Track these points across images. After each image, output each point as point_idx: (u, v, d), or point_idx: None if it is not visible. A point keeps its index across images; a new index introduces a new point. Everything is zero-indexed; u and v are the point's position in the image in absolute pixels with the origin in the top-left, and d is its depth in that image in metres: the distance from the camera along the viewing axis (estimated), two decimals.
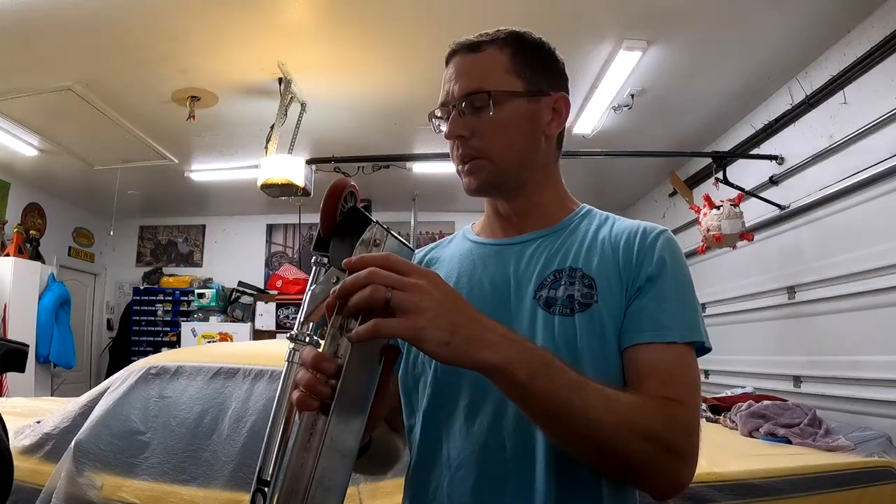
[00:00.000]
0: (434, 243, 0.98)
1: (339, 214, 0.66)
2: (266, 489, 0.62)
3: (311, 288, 0.67)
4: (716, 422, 2.91)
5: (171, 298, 6.61)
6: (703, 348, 0.75)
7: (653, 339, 0.72)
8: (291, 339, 0.66)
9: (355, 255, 0.60)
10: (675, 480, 0.67)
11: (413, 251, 0.65)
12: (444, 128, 0.83)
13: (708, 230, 3.37)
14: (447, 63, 0.84)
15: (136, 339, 6.56)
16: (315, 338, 0.66)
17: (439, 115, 0.84)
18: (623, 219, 0.85)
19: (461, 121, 0.79)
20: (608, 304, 0.75)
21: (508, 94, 0.79)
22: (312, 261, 0.67)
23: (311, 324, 0.67)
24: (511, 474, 0.73)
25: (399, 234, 0.65)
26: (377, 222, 0.63)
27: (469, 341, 0.57)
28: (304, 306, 0.67)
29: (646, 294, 0.74)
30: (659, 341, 0.72)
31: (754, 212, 3.56)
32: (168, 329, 6.53)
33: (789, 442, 2.40)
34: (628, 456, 0.64)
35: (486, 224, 0.91)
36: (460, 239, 0.93)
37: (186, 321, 6.35)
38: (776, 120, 3.49)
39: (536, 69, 0.82)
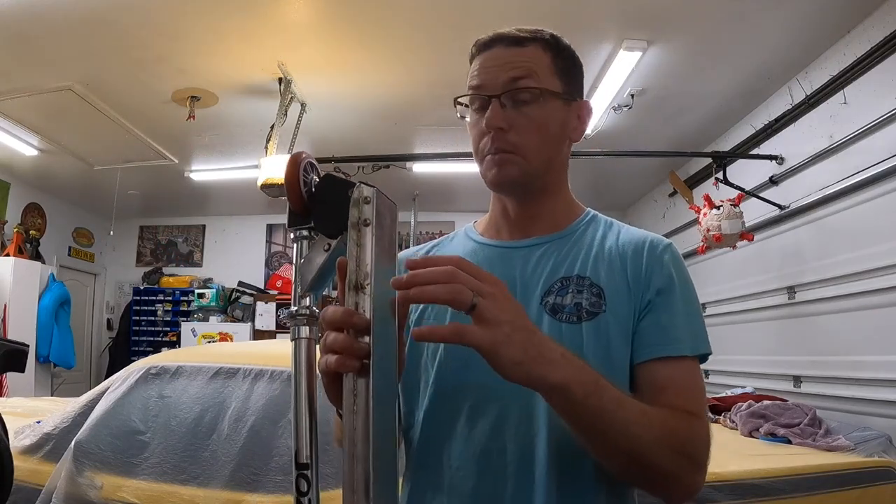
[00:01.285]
0: (434, 241, 0.96)
1: (304, 185, 0.63)
2: (307, 472, 0.59)
3: (301, 262, 0.64)
4: (716, 422, 2.91)
5: (171, 298, 6.61)
6: (704, 356, 0.77)
7: (668, 354, 0.73)
8: (292, 316, 0.63)
9: (351, 217, 0.58)
10: (692, 489, 0.69)
11: (395, 205, 0.63)
12: (468, 116, 0.82)
13: (708, 230, 3.37)
14: (481, 51, 0.81)
15: (136, 339, 6.56)
16: (314, 310, 0.63)
17: (464, 102, 0.82)
18: (627, 227, 0.85)
19: (502, 112, 0.77)
20: (616, 314, 0.75)
21: (552, 93, 0.79)
22: (292, 237, 0.65)
23: (309, 298, 0.64)
24: (511, 477, 0.73)
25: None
26: (361, 182, 0.60)
27: (537, 360, 0.57)
28: (297, 281, 0.64)
29: (657, 308, 0.76)
30: (673, 355, 0.73)
31: (754, 212, 3.56)
32: (168, 329, 6.54)
33: (789, 442, 2.40)
34: (660, 467, 0.66)
35: (491, 224, 0.90)
36: (462, 238, 0.92)
37: (186, 321, 6.35)
38: (776, 120, 3.49)
39: (570, 74, 0.82)
